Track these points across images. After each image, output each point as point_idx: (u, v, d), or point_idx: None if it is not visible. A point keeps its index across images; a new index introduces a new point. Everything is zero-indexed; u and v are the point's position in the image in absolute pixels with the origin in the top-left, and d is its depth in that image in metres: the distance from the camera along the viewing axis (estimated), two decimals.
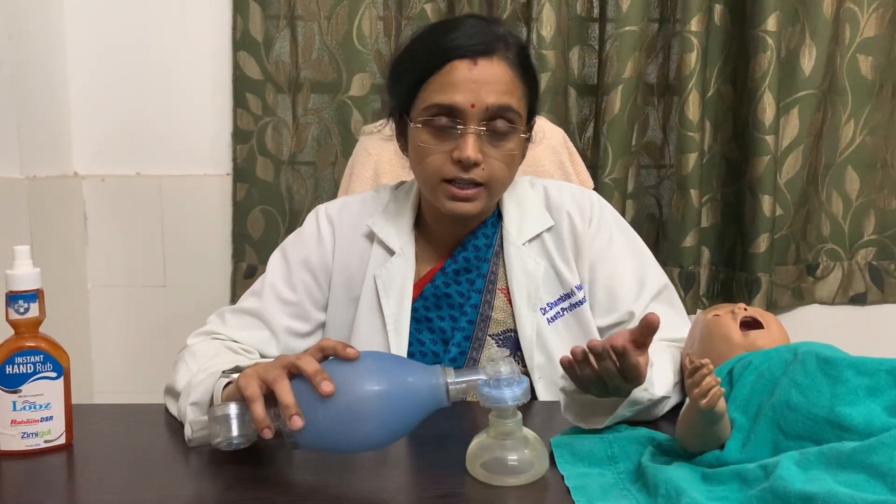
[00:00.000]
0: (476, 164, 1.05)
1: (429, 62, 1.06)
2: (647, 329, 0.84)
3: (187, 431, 0.82)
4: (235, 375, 0.91)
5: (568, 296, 1.14)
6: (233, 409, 0.81)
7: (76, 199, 1.91)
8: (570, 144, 1.56)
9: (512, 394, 0.79)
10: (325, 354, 0.83)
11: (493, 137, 1.06)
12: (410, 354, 1.13)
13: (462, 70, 1.04)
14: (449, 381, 0.80)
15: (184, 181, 1.93)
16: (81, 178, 1.92)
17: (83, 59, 1.88)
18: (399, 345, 1.12)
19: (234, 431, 0.80)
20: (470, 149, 1.04)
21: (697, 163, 1.88)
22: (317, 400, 0.78)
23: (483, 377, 0.80)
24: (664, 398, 0.95)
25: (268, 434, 0.79)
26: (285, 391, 0.79)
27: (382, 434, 0.80)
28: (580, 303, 1.14)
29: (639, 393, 0.89)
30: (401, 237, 1.16)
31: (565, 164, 1.51)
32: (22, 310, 0.87)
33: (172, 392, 1.01)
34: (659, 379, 0.94)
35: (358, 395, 0.78)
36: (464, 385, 0.80)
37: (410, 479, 0.85)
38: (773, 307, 1.96)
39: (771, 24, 1.81)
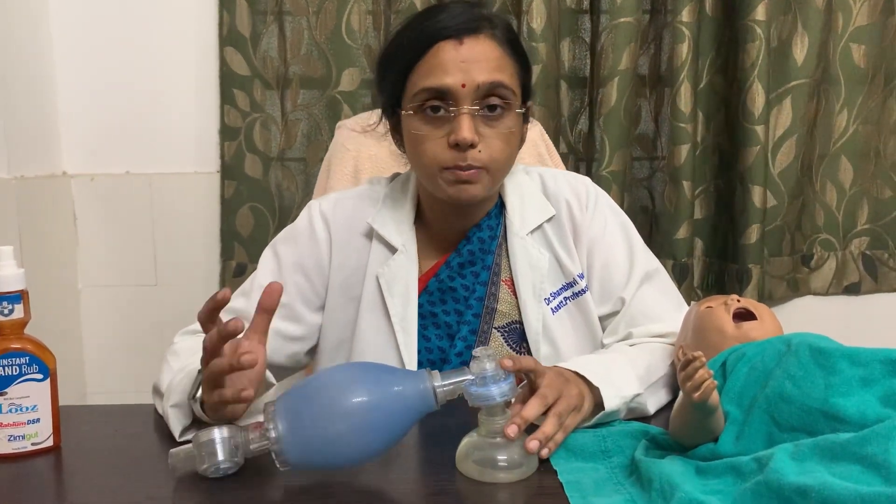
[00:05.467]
0: (473, 146, 1.01)
1: (414, 47, 1.04)
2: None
3: (170, 461, 0.81)
4: None
5: (570, 285, 1.12)
6: (217, 433, 0.79)
7: (65, 199, 1.89)
8: (547, 137, 1.56)
9: (499, 390, 0.79)
10: (224, 341, 0.85)
11: (488, 117, 1.03)
12: (417, 352, 1.10)
13: (448, 51, 1.02)
14: (436, 384, 0.79)
15: (174, 179, 1.92)
16: (70, 177, 1.90)
17: (70, 57, 1.86)
18: (408, 344, 1.09)
19: (220, 456, 0.79)
20: (465, 130, 1.00)
21: (690, 154, 1.87)
22: (306, 419, 0.76)
23: (469, 377, 0.80)
24: (635, 395, 0.95)
25: (246, 395, 0.82)
26: (219, 365, 0.83)
27: (374, 446, 0.79)
28: (582, 292, 1.12)
29: (612, 402, 0.91)
30: (402, 234, 1.13)
31: (544, 157, 1.51)
32: (6, 311, 0.86)
33: (158, 392, 1.00)
34: (622, 382, 0.94)
35: (348, 411, 0.77)
36: (451, 387, 0.80)
37: (402, 478, 0.84)
38: (768, 299, 1.96)
39: (760, 13, 1.81)
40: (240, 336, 0.87)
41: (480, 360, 0.80)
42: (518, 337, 1.11)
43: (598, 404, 0.91)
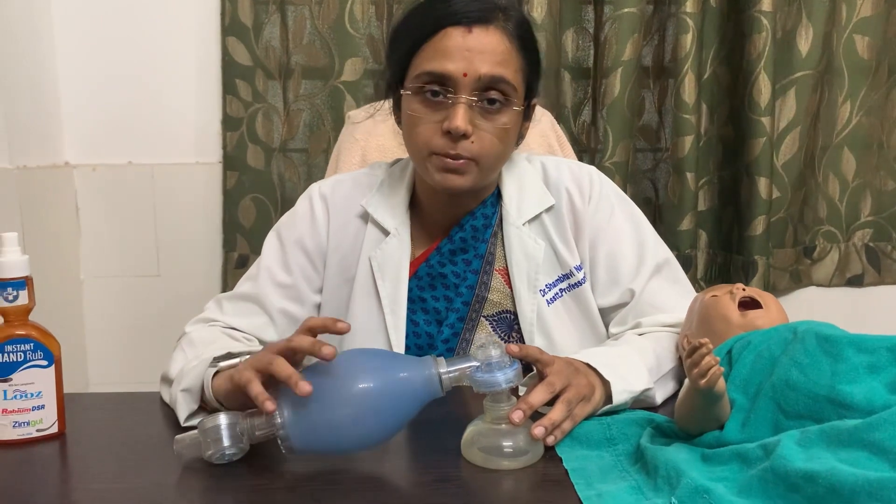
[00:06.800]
0: (466, 137, 1.01)
1: (423, 28, 1.03)
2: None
3: (176, 447, 0.81)
4: (224, 364, 0.91)
5: (566, 276, 1.12)
6: (223, 419, 0.79)
7: (67, 189, 1.89)
8: (558, 128, 1.55)
9: (505, 377, 0.79)
10: (315, 333, 0.82)
11: (485, 110, 1.02)
12: (405, 336, 1.11)
13: (455, 37, 1.01)
14: (441, 371, 0.79)
15: (176, 169, 1.92)
16: (72, 167, 1.90)
17: (72, 47, 1.86)
18: (397, 327, 1.10)
19: (226, 442, 0.79)
20: (459, 119, 1.00)
21: (694, 145, 1.87)
22: (312, 405, 0.76)
23: (475, 363, 0.80)
24: (646, 390, 0.95)
25: (269, 406, 0.76)
26: (282, 367, 0.77)
27: (380, 432, 0.79)
28: (579, 283, 1.12)
29: (620, 396, 0.91)
30: (395, 217, 1.13)
31: (554, 148, 1.50)
32: (11, 297, 0.86)
33: (167, 379, 1.00)
34: (632, 376, 0.94)
35: (354, 396, 0.77)
36: (456, 373, 0.80)
37: (406, 465, 0.84)
38: (772, 290, 1.96)
39: (767, 4, 1.80)
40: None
41: (486, 347, 0.80)
42: (507, 326, 1.11)
43: (609, 396, 0.91)
